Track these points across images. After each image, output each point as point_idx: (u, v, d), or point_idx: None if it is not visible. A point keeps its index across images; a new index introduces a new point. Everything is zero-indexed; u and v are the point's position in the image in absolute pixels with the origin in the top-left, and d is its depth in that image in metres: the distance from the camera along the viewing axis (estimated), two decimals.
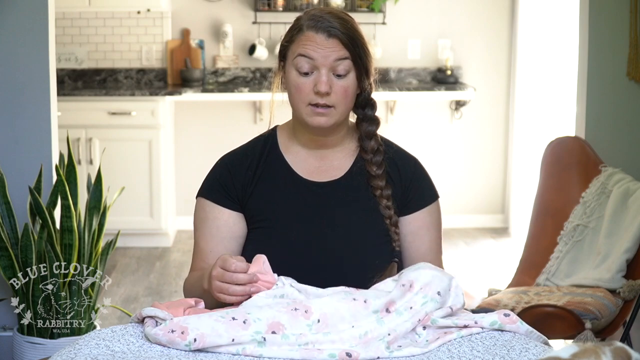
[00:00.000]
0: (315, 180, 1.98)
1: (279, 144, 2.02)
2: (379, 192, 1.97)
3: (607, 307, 2.74)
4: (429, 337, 1.72)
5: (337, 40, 1.89)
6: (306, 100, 1.91)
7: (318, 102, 1.90)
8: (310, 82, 1.90)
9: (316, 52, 1.88)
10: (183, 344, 1.65)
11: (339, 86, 1.90)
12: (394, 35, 5.62)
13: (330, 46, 1.89)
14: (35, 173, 3.19)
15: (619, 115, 3.32)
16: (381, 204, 1.96)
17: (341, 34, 1.89)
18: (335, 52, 1.89)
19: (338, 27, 1.89)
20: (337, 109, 1.91)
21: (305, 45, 1.89)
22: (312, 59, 1.89)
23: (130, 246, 5.24)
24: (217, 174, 2.02)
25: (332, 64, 1.89)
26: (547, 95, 5.25)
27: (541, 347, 1.69)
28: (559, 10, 5.05)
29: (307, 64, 1.89)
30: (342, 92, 1.91)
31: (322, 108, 1.90)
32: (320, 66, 1.89)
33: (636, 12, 3.06)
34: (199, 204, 2.02)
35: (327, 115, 1.91)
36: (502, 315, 1.77)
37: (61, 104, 4.44)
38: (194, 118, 5.61)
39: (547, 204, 3.27)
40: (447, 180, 5.63)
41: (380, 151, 2.00)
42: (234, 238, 1.99)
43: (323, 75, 1.89)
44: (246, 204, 1.97)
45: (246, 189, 1.98)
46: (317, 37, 1.89)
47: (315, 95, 1.90)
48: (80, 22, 5.53)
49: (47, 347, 3.04)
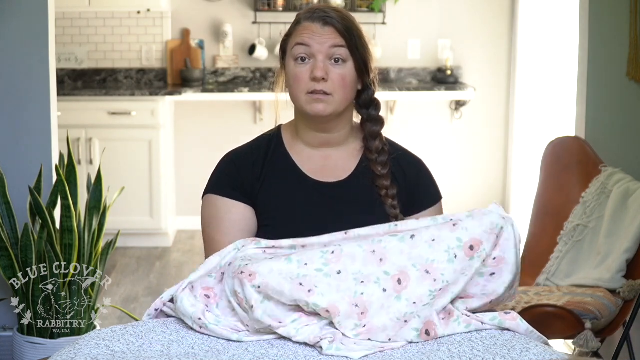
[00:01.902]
0: (321, 180, 1.99)
1: (284, 142, 2.03)
2: (384, 192, 1.98)
3: (607, 307, 2.74)
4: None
5: (333, 29, 1.93)
6: (304, 89, 1.93)
7: (315, 88, 1.92)
8: (307, 70, 1.92)
9: (312, 39, 1.92)
10: (249, 285, 1.71)
11: (335, 73, 1.92)
12: (394, 35, 5.62)
13: (326, 33, 1.92)
14: (35, 173, 3.19)
15: (619, 115, 3.32)
16: (386, 203, 1.97)
17: (337, 23, 1.93)
18: (331, 39, 1.92)
19: (334, 16, 1.94)
20: (335, 96, 1.93)
21: (302, 34, 1.93)
22: (308, 45, 1.92)
23: (130, 246, 5.24)
24: (224, 170, 2.02)
25: (328, 50, 1.92)
26: (547, 95, 5.24)
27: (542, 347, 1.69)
28: (559, 10, 5.04)
29: (303, 51, 1.92)
30: (339, 79, 1.93)
31: (320, 95, 1.92)
32: (317, 53, 1.92)
33: (636, 12, 3.06)
34: (208, 202, 2.00)
35: (324, 102, 1.92)
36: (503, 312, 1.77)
37: (61, 104, 4.44)
38: (194, 118, 5.61)
39: (547, 204, 3.27)
40: (447, 180, 5.62)
41: (385, 151, 2.01)
42: (250, 232, 1.97)
43: (319, 61, 1.92)
44: (255, 199, 1.97)
45: (254, 184, 1.98)
46: (313, 26, 1.93)
47: (312, 82, 1.92)
48: (80, 22, 5.52)
49: (47, 347, 3.04)
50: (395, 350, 1.72)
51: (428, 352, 1.69)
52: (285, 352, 1.69)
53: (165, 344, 1.73)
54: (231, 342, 1.75)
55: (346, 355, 1.67)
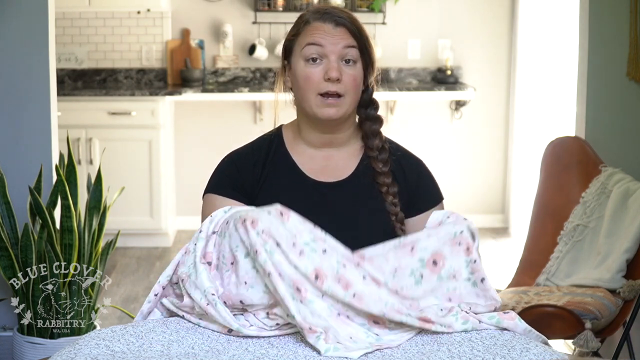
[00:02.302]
0: (322, 180, 1.99)
1: (285, 143, 2.02)
2: (385, 189, 1.98)
3: (607, 307, 2.74)
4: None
5: (345, 29, 1.92)
6: (316, 90, 1.92)
7: (329, 89, 1.91)
8: (320, 71, 1.91)
9: (325, 39, 1.91)
10: (254, 231, 1.74)
11: (348, 74, 1.92)
12: (394, 35, 5.62)
13: (339, 34, 1.92)
14: (35, 173, 3.19)
15: (619, 115, 3.32)
16: (387, 200, 1.97)
17: (349, 24, 1.93)
18: (344, 39, 1.92)
19: (345, 17, 1.94)
20: (347, 98, 1.93)
21: (314, 34, 1.92)
22: (321, 45, 1.91)
23: (130, 246, 5.24)
24: (224, 170, 2.02)
25: (341, 51, 1.91)
26: (547, 96, 5.24)
27: (542, 347, 1.69)
28: (559, 10, 5.04)
29: (316, 52, 1.91)
30: (352, 80, 1.92)
31: (333, 98, 1.91)
32: (330, 53, 1.91)
33: (636, 12, 3.06)
34: (208, 201, 2.00)
35: (336, 106, 1.92)
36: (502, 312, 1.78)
37: (61, 104, 4.44)
38: (194, 118, 5.61)
39: (547, 204, 3.27)
40: (447, 180, 5.62)
41: (385, 149, 2.01)
42: None
43: (333, 61, 1.91)
44: (256, 200, 1.97)
45: (254, 186, 1.98)
46: (324, 26, 1.93)
47: (325, 83, 1.91)
48: (80, 22, 5.52)
49: (47, 347, 3.04)
50: (395, 350, 1.72)
51: (428, 352, 1.69)
52: (285, 352, 1.70)
53: (165, 344, 1.73)
54: (231, 342, 1.75)
55: (345, 356, 1.67)
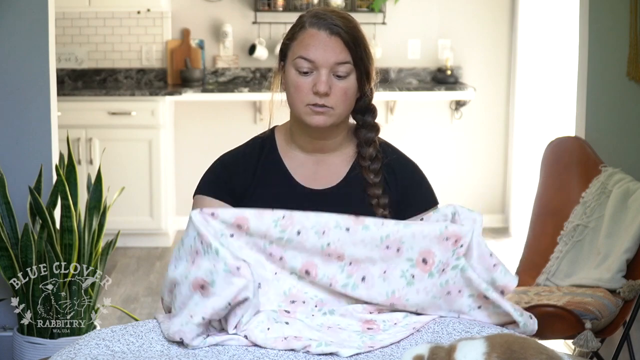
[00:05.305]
0: (312, 187, 1.97)
1: (277, 148, 2.01)
2: (375, 201, 1.95)
3: (607, 307, 2.74)
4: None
5: (339, 40, 1.88)
6: (305, 101, 1.90)
7: (317, 102, 1.89)
8: (310, 82, 1.89)
9: (317, 52, 1.87)
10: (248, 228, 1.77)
11: (338, 87, 1.89)
12: (394, 35, 5.62)
13: (332, 45, 1.88)
14: (35, 173, 3.19)
15: (619, 115, 3.32)
16: (377, 213, 1.93)
17: (344, 33, 1.88)
18: (336, 54, 1.88)
19: (341, 25, 1.88)
20: (336, 110, 1.90)
21: (307, 45, 1.88)
22: (312, 61, 1.88)
23: (130, 246, 5.24)
24: (216, 173, 2.01)
25: (332, 65, 1.88)
26: (547, 95, 5.24)
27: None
28: (559, 10, 5.04)
29: (306, 66, 1.89)
30: (342, 93, 1.90)
31: (321, 107, 1.89)
32: (320, 67, 1.88)
33: (636, 12, 3.06)
34: (198, 202, 1.99)
35: (325, 114, 1.90)
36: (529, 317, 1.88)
37: (61, 104, 4.44)
38: (194, 118, 5.61)
39: (547, 204, 3.27)
40: (447, 180, 5.63)
41: (378, 158, 1.97)
42: None
43: (323, 75, 1.88)
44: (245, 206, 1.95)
45: (244, 191, 1.97)
46: (319, 34, 1.88)
47: (314, 96, 1.89)
48: (80, 22, 5.52)
49: (47, 347, 3.04)
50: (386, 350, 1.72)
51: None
52: (285, 352, 1.70)
53: (165, 344, 1.73)
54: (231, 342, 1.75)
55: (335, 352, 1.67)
